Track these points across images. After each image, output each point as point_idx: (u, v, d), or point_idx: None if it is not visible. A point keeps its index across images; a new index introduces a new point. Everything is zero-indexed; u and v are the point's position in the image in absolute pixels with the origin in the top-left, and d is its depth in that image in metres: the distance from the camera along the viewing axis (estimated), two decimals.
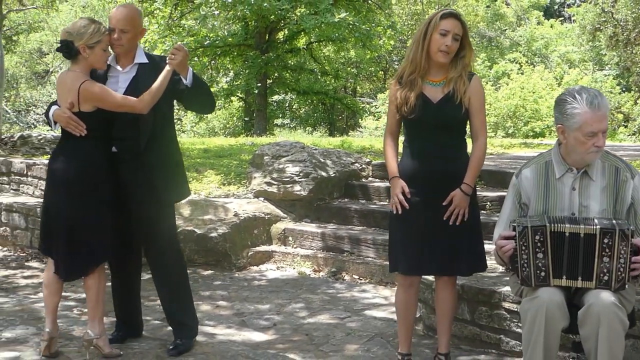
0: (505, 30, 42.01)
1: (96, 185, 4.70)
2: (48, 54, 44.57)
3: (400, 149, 4.52)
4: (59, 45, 4.64)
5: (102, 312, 4.88)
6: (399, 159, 4.46)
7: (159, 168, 4.90)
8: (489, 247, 4.38)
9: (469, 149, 4.43)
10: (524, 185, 3.91)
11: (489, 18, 41.13)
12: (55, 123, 4.71)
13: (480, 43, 39.36)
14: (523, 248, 3.61)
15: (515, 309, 4.61)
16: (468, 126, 4.41)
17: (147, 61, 4.87)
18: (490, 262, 4.42)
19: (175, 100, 5.12)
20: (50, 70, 43.76)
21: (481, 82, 4.45)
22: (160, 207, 4.98)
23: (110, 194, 4.77)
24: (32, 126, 38.14)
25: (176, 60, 4.69)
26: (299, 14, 24.55)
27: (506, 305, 4.79)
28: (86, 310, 6.00)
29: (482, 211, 7.40)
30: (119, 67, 4.83)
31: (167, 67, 4.71)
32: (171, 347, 4.96)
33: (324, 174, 8.55)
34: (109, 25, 4.73)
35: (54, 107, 4.71)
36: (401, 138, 4.61)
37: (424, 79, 4.29)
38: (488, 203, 7.48)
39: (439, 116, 4.24)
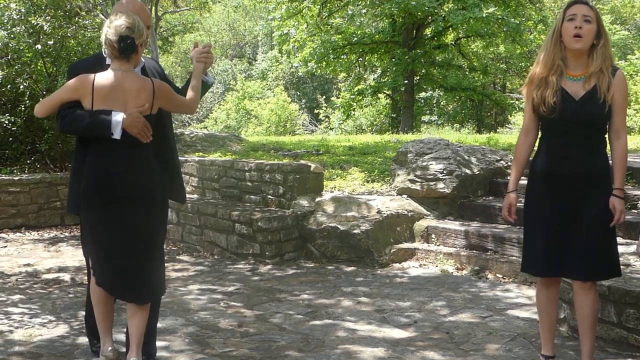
0: None
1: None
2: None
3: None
4: (126, 41, 4.15)
5: None
6: (535, 155, 4.36)
7: (176, 167, 4.83)
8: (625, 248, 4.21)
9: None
10: None
11: None
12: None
13: (638, 35, 37.67)
14: None
15: None
16: None
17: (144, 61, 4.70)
18: None
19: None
20: None
21: (625, 77, 4.24)
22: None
23: None
24: (187, 124, 39.67)
25: (210, 60, 4.68)
26: (446, 9, 24.33)
27: None
28: (232, 303, 6.26)
29: (633, 210, 7.14)
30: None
31: (200, 66, 4.62)
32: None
33: (468, 171, 8.45)
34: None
35: (117, 114, 4.16)
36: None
37: (562, 75, 4.17)
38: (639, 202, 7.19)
39: (581, 114, 4.08)
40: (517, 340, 5.16)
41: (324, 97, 41.43)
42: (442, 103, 36.42)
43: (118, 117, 4.13)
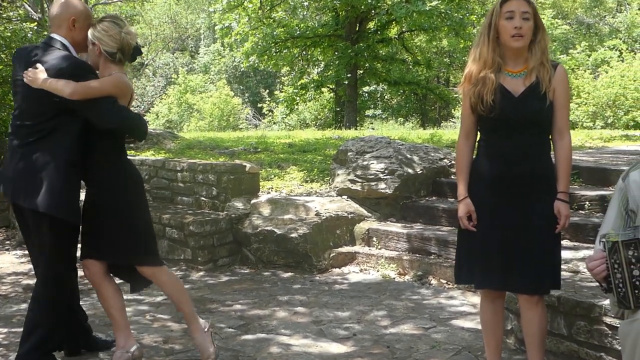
0: (605, 16, 40.58)
1: None
2: (143, 46, 45.42)
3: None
4: (140, 49, 4.55)
5: None
6: (474, 158, 4.07)
7: None
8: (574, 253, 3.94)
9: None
10: (633, 189, 3.37)
11: (587, 4, 39.89)
12: None
13: (579, 30, 38.15)
14: (616, 266, 3.12)
15: (618, 325, 4.12)
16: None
17: None
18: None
19: None
20: (145, 62, 44.62)
21: (567, 73, 4.01)
22: None
23: None
24: None
25: None
26: (390, 3, 24.19)
27: (607, 320, 4.29)
28: (159, 315, 5.85)
29: (581, 211, 6.91)
30: None
31: None
32: None
33: (410, 170, 8.13)
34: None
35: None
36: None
37: (501, 71, 3.89)
38: (587, 203, 6.94)
39: (522, 110, 3.81)
40: (462, 354, 4.87)
41: (268, 91, 41.12)
42: (386, 97, 36.41)
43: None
